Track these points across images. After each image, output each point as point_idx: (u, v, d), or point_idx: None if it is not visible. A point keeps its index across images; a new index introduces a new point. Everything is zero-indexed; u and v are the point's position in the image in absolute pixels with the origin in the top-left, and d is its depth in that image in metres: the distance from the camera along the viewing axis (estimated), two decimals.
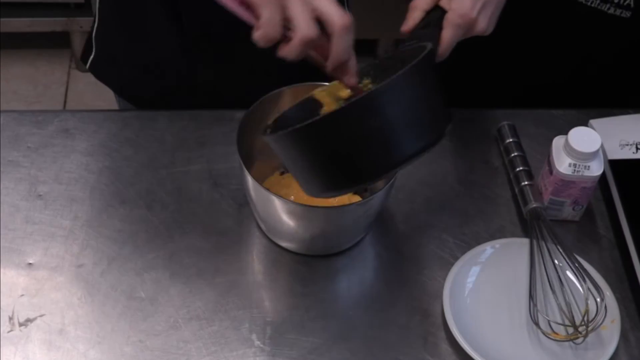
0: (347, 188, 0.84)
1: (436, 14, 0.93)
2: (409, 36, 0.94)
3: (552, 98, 1.30)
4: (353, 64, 0.83)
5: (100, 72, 1.26)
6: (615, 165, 1.09)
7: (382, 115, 0.76)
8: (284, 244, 1.03)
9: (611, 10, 1.16)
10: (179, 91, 1.21)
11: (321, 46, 0.81)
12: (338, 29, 0.79)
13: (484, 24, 0.93)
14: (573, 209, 1.06)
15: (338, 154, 0.78)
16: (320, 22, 0.80)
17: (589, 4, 1.17)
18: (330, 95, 0.90)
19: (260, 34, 0.78)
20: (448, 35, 0.89)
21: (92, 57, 1.24)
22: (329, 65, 0.82)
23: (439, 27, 0.91)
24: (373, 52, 2.63)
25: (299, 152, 0.81)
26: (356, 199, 1.05)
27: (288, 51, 0.79)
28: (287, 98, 1.02)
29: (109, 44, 1.22)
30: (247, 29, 0.98)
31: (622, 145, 1.10)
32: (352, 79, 0.84)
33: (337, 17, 0.78)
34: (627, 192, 1.06)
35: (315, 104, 0.90)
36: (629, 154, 1.09)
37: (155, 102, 1.22)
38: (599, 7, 1.17)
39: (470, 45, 1.27)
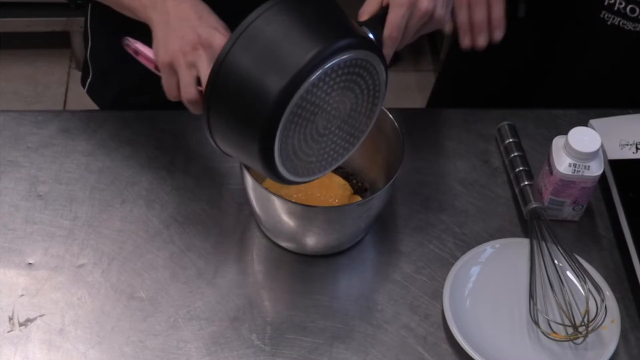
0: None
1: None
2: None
3: (552, 98, 1.30)
4: None
5: (96, 92, 1.27)
6: (615, 165, 1.09)
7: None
8: (283, 244, 1.03)
9: (628, 26, 1.17)
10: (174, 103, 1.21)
11: None
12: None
13: (437, 10, 0.90)
14: (573, 209, 1.06)
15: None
16: None
17: (609, 22, 1.17)
18: None
19: (166, 94, 0.90)
20: (392, 16, 0.88)
21: (89, 80, 1.25)
22: None
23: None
24: None
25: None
26: (356, 199, 1.05)
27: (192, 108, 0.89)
28: None
29: (103, 60, 1.22)
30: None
31: (622, 145, 1.10)
32: None
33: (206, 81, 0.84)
34: (627, 192, 1.06)
35: None
36: (629, 154, 1.09)
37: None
38: (618, 23, 1.17)
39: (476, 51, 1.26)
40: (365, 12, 0.90)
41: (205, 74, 0.85)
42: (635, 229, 1.03)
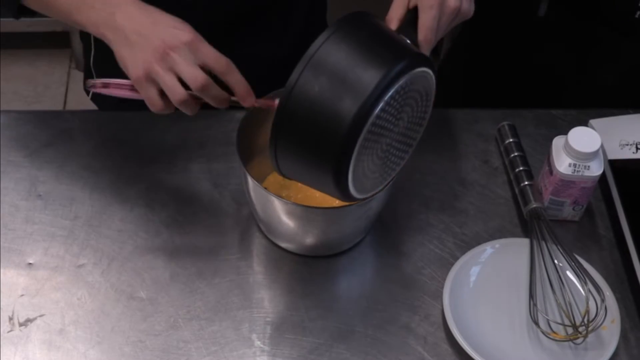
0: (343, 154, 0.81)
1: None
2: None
3: (552, 98, 1.30)
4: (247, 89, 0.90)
5: (101, 101, 1.27)
6: (615, 165, 1.09)
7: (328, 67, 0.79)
8: (283, 245, 1.03)
9: None
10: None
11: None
12: (196, 89, 0.87)
13: (463, 5, 0.91)
14: (573, 209, 1.06)
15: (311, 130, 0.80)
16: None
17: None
18: None
19: (151, 109, 0.90)
20: (423, 19, 0.89)
21: None
22: (239, 98, 0.90)
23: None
24: None
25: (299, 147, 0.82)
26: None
27: (189, 110, 0.89)
28: None
29: (106, 67, 1.22)
30: (245, 35, 1.00)
31: (622, 145, 1.10)
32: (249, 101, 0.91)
33: (192, 81, 0.86)
34: (627, 192, 1.06)
35: None
36: (629, 154, 1.09)
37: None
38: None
39: (476, 47, 1.27)
40: (394, 19, 0.91)
41: (187, 73, 0.86)
42: (635, 229, 1.03)
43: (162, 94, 0.89)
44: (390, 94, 0.78)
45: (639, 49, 1.23)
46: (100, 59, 1.22)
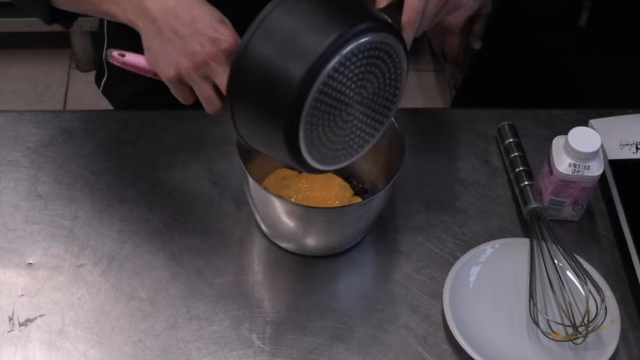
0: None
1: None
2: None
3: (552, 98, 1.30)
4: None
5: (112, 92, 1.26)
6: (615, 165, 1.08)
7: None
8: (283, 245, 1.03)
9: None
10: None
11: None
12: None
13: None
14: (573, 209, 1.06)
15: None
16: None
17: None
18: None
19: (180, 100, 0.89)
20: (408, 1, 0.88)
21: (104, 79, 1.25)
22: None
23: None
24: None
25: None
26: (357, 200, 1.05)
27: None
28: None
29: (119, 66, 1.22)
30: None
31: (622, 145, 1.10)
32: None
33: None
34: (627, 192, 1.06)
35: None
36: (629, 153, 1.09)
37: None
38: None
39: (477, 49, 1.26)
40: (382, 2, 0.90)
41: (223, 85, 0.84)
42: (635, 229, 1.02)
43: (193, 90, 0.87)
44: (342, 54, 0.77)
45: None
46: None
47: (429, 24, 0.91)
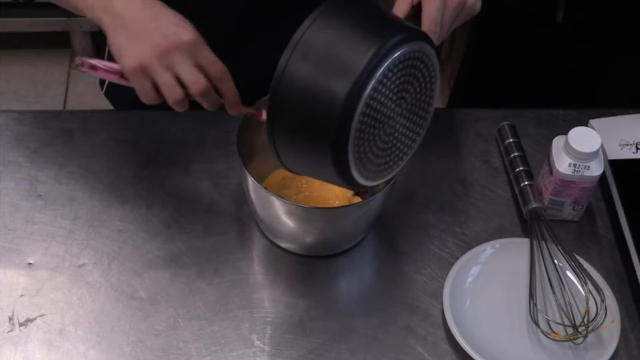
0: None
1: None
2: None
3: (552, 98, 1.30)
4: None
5: (115, 94, 1.27)
6: (615, 165, 1.09)
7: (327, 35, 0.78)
8: (283, 245, 1.03)
9: None
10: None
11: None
12: (196, 93, 0.87)
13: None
14: (573, 209, 1.06)
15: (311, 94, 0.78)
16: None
17: None
18: None
19: (142, 99, 0.88)
20: (427, 11, 0.88)
21: (107, 82, 1.25)
22: (228, 106, 0.90)
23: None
24: None
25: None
26: (356, 200, 1.05)
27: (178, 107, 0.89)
28: None
29: None
30: (255, 41, 0.99)
31: (622, 145, 1.10)
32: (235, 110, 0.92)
33: (193, 85, 0.86)
34: (627, 192, 1.06)
35: None
36: (629, 153, 1.09)
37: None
38: None
39: (475, 47, 1.27)
40: (399, 14, 0.90)
41: (187, 75, 0.86)
42: (635, 228, 1.03)
43: (155, 87, 0.88)
44: (383, 68, 0.77)
45: None
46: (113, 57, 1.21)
47: (446, 33, 0.91)
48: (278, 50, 0.80)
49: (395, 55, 0.77)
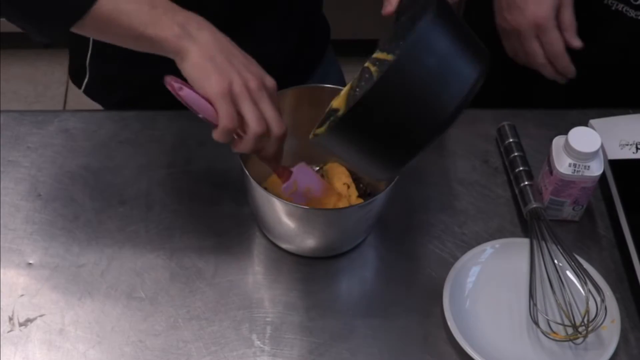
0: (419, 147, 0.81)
1: None
2: (395, 16, 0.91)
3: (552, 98, 1.30)
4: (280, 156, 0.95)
5: (96, 94, 1.26)
6: (615, 165, 1.09)
7: (433, 53, 0.77)
8: (284, 246, 1.03)
9: (630, 13, 1.17)
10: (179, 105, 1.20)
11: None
12: (275, 136, 0.90)
13: None
14: (573, 209, 1.06)
15: (400, 118, 0.78)
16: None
17: (612, 8, 1.18)
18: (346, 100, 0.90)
19: (220, 128, 0.88)
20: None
21: (86, 80, 1.23)
22: (262, 158, 0.93)
23: None
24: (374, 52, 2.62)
25: (362, 133, 0.80)
26: (359, 201, 1.05)
27: (243, 146, 0.89)
28: (289, 100, 1.02)
29: (105, 68, 1.21)
30: (245, 35, 0.99)
31: (622, 145, 1.10)
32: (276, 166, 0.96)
33: (275, 125, 0.89)
34: (627, 192, 1.06)
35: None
36: (629, 154, 1.09)
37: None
38: (621, 9, 1.17)
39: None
40: (389, 7, 0.90)
41: (271, 114, 0.88)
42: (635, 229, 1.02)
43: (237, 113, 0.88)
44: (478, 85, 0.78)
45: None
46: (97, 59, 1.20)
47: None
48: (269, 42, 0.80)
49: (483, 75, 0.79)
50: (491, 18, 1.21)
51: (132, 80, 1.19)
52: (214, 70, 0.87)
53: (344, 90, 0.90)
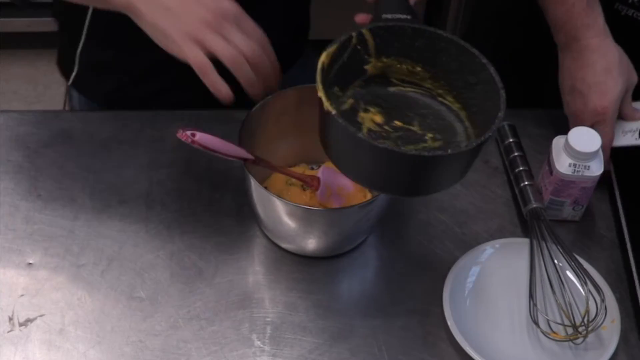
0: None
1: None
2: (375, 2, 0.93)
3: (552, 98, 1.30)
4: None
5: (84, 87, 1.25)
6: (616, 153, 1.08)
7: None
8: (284, 246, 1.03)
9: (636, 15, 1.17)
10: (170, 94, 1.20)
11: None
12: (249, 58, 0.90)
13: None
14: (573, 209, 1.06)
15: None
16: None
17: (622, 13, 1.18)
18: None
19: (200, 73, 0.90)
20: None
21: (74, 73, 1.23)
22: (273, 78, 0.95)
23: None
24: None
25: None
26: (358, 201, 1.05)
27: (246, 84, 0.92)
28: (290, 99, 1.02)
29: (96, 58, 1.20)
30: None
31: (625, 132, 1.10)
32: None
33: (245, 48, 0.90)
34: (626, 180, 1.07)
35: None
36: (631, 140, 1.08)
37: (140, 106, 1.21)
38: (632, 14, 1.18)
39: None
40: None
41: (239, 41, 0.88)
42: (634, 227, 1.03)
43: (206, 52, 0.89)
44: None
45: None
46: (89, 47, 1.19)
47: None
48: (268, 31, 0.80)
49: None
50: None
51: (126, 65, 1.18)
52: (170, 25, 0.88)
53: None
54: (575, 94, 1.07)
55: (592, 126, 1.05)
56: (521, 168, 1.08)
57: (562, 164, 1.02)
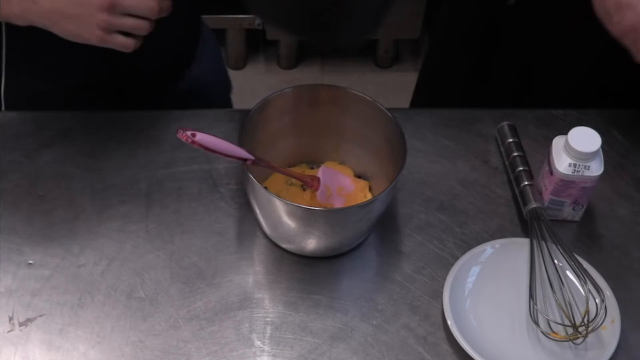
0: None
1: None
2: None
3: (552, 98, 1.30)
4: None
5: (13, 94, 1.19)
6: None
7: None
8: (284, 246, 1.03)
9: None
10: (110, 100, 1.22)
11: None
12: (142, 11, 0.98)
13: None
14: (573, 209, 1.06)
15: None
16: None
17: None
18: None
19: (127, 50, 1.00)
20: None
21: (3, 80, 1.17)
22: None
23: None
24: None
25: None
26: (358, 201, 1.05)
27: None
28: (290, 99, 1.02)
29: (23, 86, 1.18)
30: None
31: None
32: None
33: (148, 10, 0.97)
34: None
35: None
36: None
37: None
38: None
39: (473, 46, 1.26)
40: None
41: (142, 8, 0.95)
42: None
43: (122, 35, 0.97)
44: None
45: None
46: (11, 55, 1.14)
47: None
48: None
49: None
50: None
51: (55, 90, 1.18)
52: (78, 27, 0.96)
53: None
54: (623, 8, 1.04)
55: None
56: (521, 168, 1.08)
57: (562, 164, 1.02)
